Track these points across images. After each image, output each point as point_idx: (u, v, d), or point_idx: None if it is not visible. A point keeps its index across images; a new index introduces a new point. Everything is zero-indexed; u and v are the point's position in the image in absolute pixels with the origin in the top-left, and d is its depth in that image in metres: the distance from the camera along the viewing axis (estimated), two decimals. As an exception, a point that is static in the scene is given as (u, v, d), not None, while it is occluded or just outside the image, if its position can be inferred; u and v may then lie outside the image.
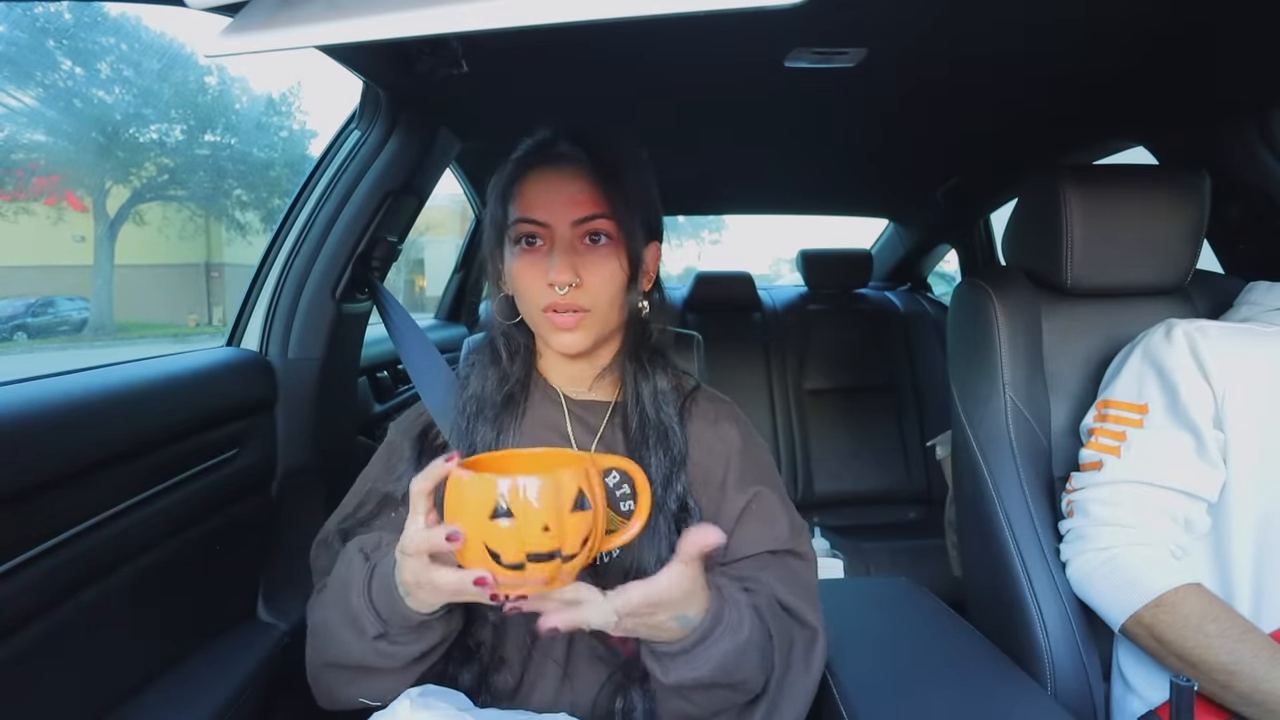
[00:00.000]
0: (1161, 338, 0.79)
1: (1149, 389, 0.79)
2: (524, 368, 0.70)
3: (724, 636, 0.53)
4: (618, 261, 0.63)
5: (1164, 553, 0.75)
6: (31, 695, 0.60)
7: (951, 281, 2.81)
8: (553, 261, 0.61)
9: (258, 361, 0.98)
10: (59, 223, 10.93)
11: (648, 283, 0.69)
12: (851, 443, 2.10)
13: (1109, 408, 0.83)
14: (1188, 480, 0.75)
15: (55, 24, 10.10)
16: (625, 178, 0.64)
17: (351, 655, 0.57)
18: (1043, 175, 0.96)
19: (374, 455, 0.72)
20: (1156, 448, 0.77)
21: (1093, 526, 0.79)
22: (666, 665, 0.53)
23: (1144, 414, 0.79)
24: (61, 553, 0.62)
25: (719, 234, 23.99)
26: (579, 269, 0.62)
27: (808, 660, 0.61)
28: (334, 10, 0.34)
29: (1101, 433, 0.82)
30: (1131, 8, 0.81)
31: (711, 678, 0.53)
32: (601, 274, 0.63)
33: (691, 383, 0.74)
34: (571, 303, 0.62)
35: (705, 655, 0.52)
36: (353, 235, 1.03)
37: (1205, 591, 0.72)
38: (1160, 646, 0.72)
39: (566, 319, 0.63)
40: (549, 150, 0.65)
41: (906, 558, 1.71)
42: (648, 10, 0.30)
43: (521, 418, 0.68)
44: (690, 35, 0.88)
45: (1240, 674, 0.66)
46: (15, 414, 0.59)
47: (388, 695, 0.56)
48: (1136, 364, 0.81)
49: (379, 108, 1.04)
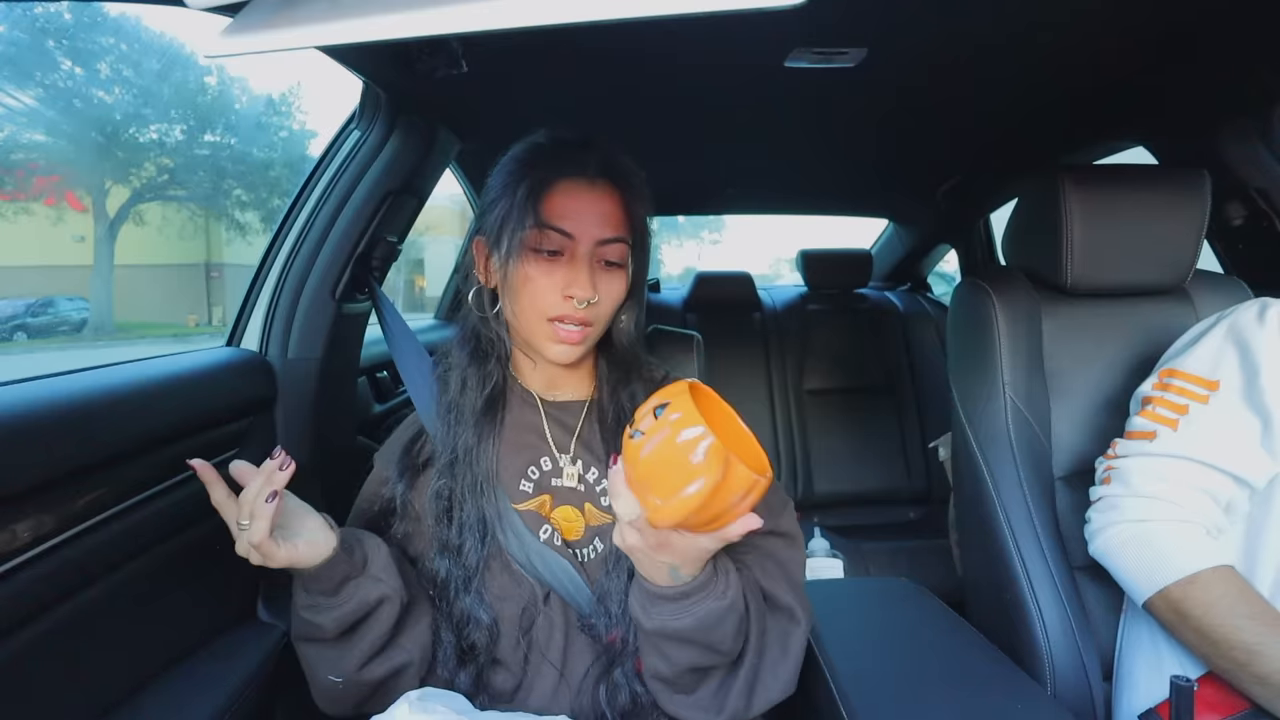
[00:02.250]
0: (1254, 316, 0.75)
1: (1226, 367, 0.75)
2: (501, 370, 0.70)
3: (707, 599, 0.55)
4: (623, 283, 0.65)
5: (1199, 531, 0.74)
6: (32, 695, 0.60)
7: (951, 281, 2.81)
8: (577, 275, 0.62)
9: (258, 361, 0.98)
10: (59, 223, 10.95)
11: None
12: (851, 443, 2.10)
13: (1175, 377, 0.79)
14: (1243, 466, 0.73)
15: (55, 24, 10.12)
16: (644, 204, 0.66)
17: (302, 626, 0.62)
18: (1043, 175, 0.96)
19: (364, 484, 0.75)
20: (1218, 427, 0.74)
21: (1130, 497, 0.77)
22: (650, 611, 0.55)
23: (1213, 391, 0.75)
24: (62, 553, 0.62)
25: (719, 234, 24.03)
26: (597, 286, 0.63)
27: (785, 644, 0.61)
28: (334, 11, 0.34)
29: (1161, 403, 0.78)
30: (1131, 8, 0.81)
31: (689, 632, 0.55)
32: (612, 294, 0.64)
33: (662, 371, 0.74)
34: (585, 317, 0.63)
35: (689, 610, 0.54)
36: (352, 235, 1.03)
37: (1238, 574, 0.71)
38: (1181, 622, 0.71)
39: (573, 333, 0.63)
40: (582, 162, 0.64)
41: (906, 558, 1.71)
42: (648, 11, 0.30)
43: (501, 423, 0.69)
44: (690, 35, 0.88)
45: (1265, 655, 0.65)
46: (15, 414, 0.59)
47: (345, 669, 0.61)
48: (1217, 339, 0.77)
49: (379, 108, 1.04)
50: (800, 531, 0.69)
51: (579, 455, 0.69)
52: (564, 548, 0.65)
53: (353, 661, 0.61)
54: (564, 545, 0.66)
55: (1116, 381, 0.95)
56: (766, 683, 0.59)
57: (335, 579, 0.59)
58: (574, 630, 0.65)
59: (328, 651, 0.62)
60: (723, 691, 0.59)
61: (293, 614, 0.63)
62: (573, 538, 0.66)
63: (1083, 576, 0.89)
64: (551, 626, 0.64)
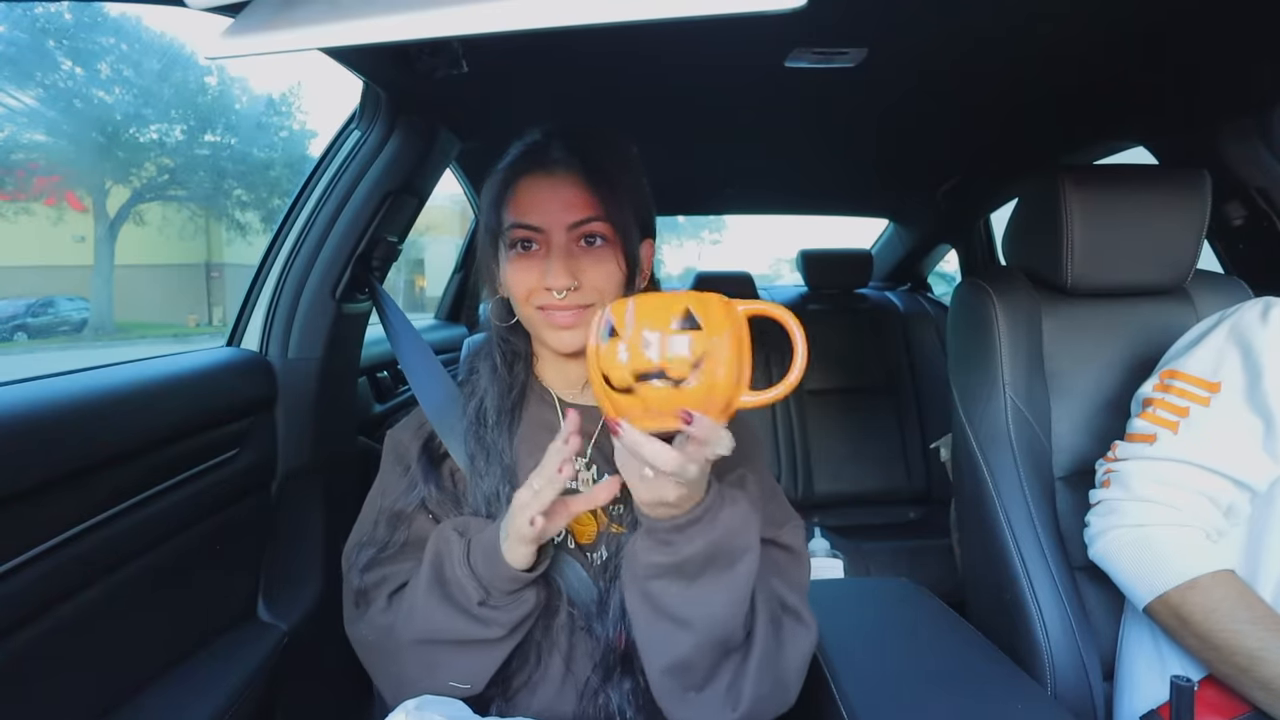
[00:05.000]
0: (1257, 316, 0.74)
1: (1228, 368, 0.74)
2: (524, 372, 0.71)
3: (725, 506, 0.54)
4: (615, 261, 0.64)
5: (1199, 535, 0.74)
6: (32, 695, 0.60)
7: (951, 281, 2.81)
8: (550, 266, 0.62)
9: (258, 361, 0.98)
10: (59, 223, 10.96)
11: (643, 280, 0.69)
12: (851, 443, 2.10)
13: (1176, 379, 0.77)
14: (1245, 470, 0.72)
15: (55, 24, 10.12)
16: (617, 178, 0.65)
17: (449, 628, 0.58)
18: (1043, 175, 0.96)
19: (381, 467, 0.72)
20: (1219, 430, 0.73)
21: (1130, 501, 0.77)
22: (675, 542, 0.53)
23: (1214, 393, 0.74)
24: (62, 553, 0.62)
25: (719, 234, 24.01)
26: (576, 272, 0.63)
27: (795, 641, 0.60)
28: (335, 12, 0.34)
29: (1162, 405, 0.77)
30: (1131, 8, 0.81)
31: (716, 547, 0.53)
32: (599, 273, 0.64)
33: None
34: (569, 303, 0.63)
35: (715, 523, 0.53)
36: (353, 235, 1.03)
37: (1238, 579, 0.71)
38: (1182, 627, 0.71)
39: (564, 316, 0.63)
40: (540, 155, 0.65)
41: (906, 558, 1.71)
42: (648, 14, 0.30)
43: (519, 422, 0.69)
44: (690, 36, 0.88)
45: (1267, 661, 0.65)
46: (16, 414, 0.59)
47: (478, 677, 0.59)
48: (1219, 340, 0.76)
49: (379, 108, 1.04)
50: (806, 549, 0.69)
51: (594, 459, 0.69)
52: (577, 551, 0.66)
53: (494, 666, 0.60)
54: (576, 549, 0.66)
55: (1117, 381, 0.95)
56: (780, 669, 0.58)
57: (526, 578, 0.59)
58: (580, 632, 0.65)
59: (476, 654, 0.60)
60: (736, 685, 0.57)
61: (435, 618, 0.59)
62: (585, 541, 0.67)
63: (1083, 576, 0.89)
64: (560, 627, 0.64)
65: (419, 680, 0.61)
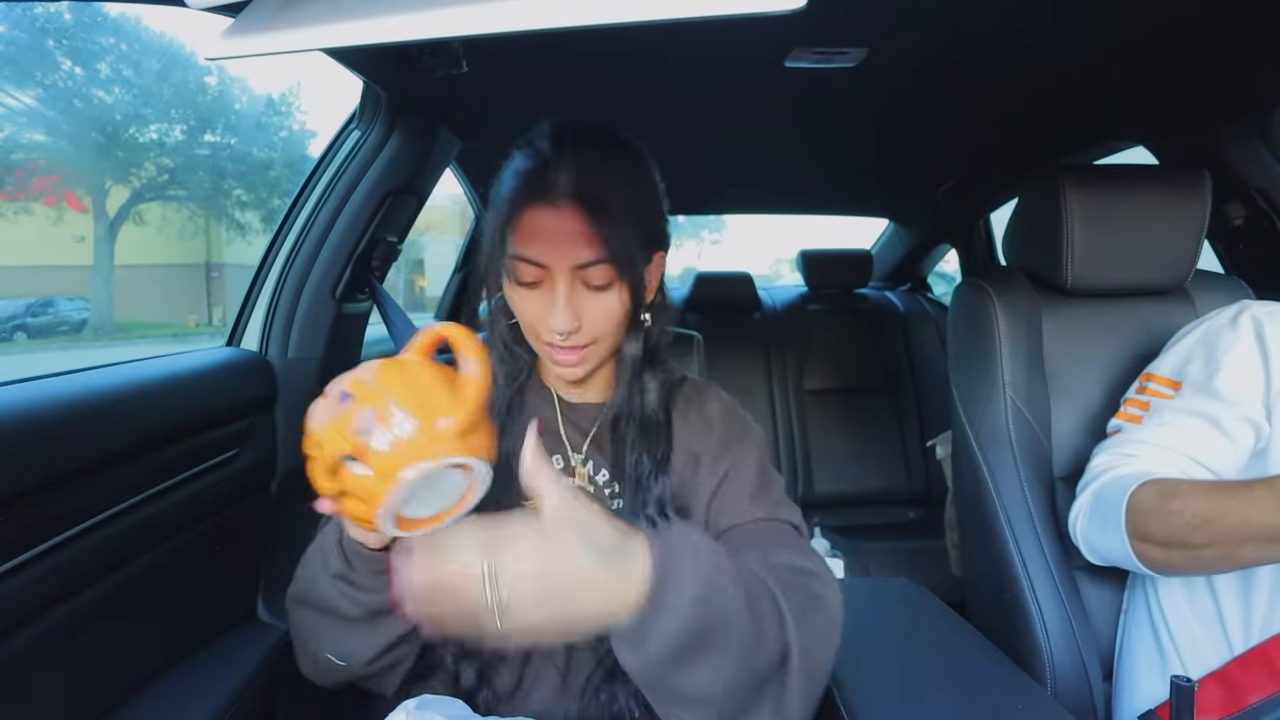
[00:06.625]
0: (1227, 320, 0.77)
1: (1192, 368, 0.77)
2: (525, 372, 0.71)
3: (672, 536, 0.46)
4: (618, 300, 0.61)
5: (1127, 471, 0.75)
6: (32, 695, 0.60)
7: (951, 281, 2.80)
8: (554, 309, 0.60)
9: (258, 361, 0.98)
10: (59, 223, 10.95)
11: (651, 292, 0.67)
12: (851, 443, 2.10)
13: (1150, 380, 0.81)
14: (1203, 452, 0.74)
15: (55, 24, 10.12)
16: (622, 207, 0.60)
17: (317, 590, 0.56)
18: (1043, 175, 0.96)
19: None
20: (1175, 418, 0.76)
21: (1088, 484, 0.79)
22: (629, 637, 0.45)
23: (1178, 390, 0.78)
24: (62, 553, 0.62)
25: (719, 234, 24.01)
26: (579, 312, 0.60)
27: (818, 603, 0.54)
28: (336, 13, 0.34)
29: (1132, 403, 0.82)
30: (1131, 8, 0.81)
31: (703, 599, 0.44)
32: (601, 314, 0.61)
33: (679, 374, 0.73)
34: (572, 345, 0.62)
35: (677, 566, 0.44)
36: (353, 235, 1.03)
37: (1161, 480, 0.72)
38: (1163, 553, 0.70)
39: (568, 356, 0.62)
40: (543, 185, 0.60)
41: (906, 558, 1.71)
42: (648, 15, 0.30)
43: (517, 416, 0.68)
44: (691, 36, 0.88)
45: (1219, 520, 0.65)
46: (16, 414, 0.59)
47: (354, 657, 0.56)
48: (1190, 343, 0.79)
49: (379, 108, 1.04)
50: (804, 525, 0.68)
51: (591, 456, 0.69)
52: None
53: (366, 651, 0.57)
54: None
55: (1117, 382, 0.95)
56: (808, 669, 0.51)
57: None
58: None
59: (338, 630, 0.57)
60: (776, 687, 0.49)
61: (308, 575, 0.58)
62: None
63: (1083, 576, 0.89)
64: None
65: (307, 641, 0.59)
